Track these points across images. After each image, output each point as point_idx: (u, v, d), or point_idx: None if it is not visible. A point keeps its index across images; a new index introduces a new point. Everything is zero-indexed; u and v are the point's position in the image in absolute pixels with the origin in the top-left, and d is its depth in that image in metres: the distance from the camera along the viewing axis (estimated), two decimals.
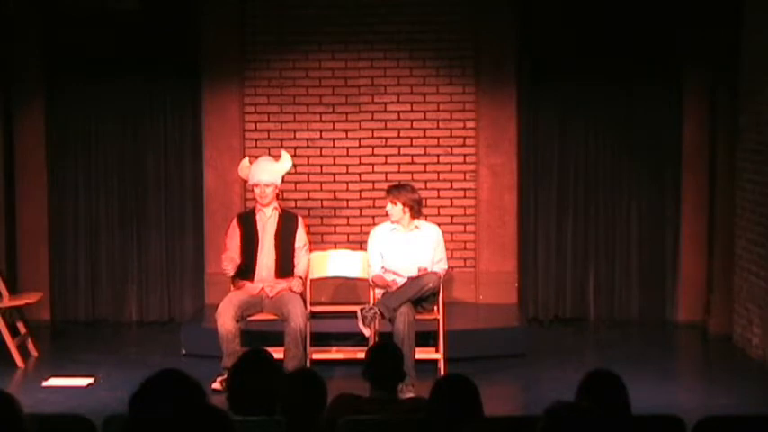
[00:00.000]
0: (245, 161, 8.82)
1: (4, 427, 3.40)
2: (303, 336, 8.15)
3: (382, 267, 8.47)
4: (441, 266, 8.51)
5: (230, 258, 8.34)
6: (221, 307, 8.18)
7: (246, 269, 8.41)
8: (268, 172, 8.54)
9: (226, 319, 8.07)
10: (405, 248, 8.46)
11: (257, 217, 8.52)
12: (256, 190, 8.54)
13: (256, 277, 8.42)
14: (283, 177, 8.71)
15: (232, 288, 8.49)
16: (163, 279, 10.48)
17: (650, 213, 10.35)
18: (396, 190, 8.53)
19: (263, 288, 8.38)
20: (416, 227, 8.53)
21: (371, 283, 8.55)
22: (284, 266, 8.46)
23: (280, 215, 8.53)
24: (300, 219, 8.69)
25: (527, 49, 10.18)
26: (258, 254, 8.43)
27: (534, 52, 10.20)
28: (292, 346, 8.06)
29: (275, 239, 8.46)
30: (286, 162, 8.70)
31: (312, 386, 4.62)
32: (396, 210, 8.45)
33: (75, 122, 10.36)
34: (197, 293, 10.38)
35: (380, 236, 8.56)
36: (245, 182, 9.16)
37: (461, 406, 4.51)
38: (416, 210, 8.48)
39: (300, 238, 8.55)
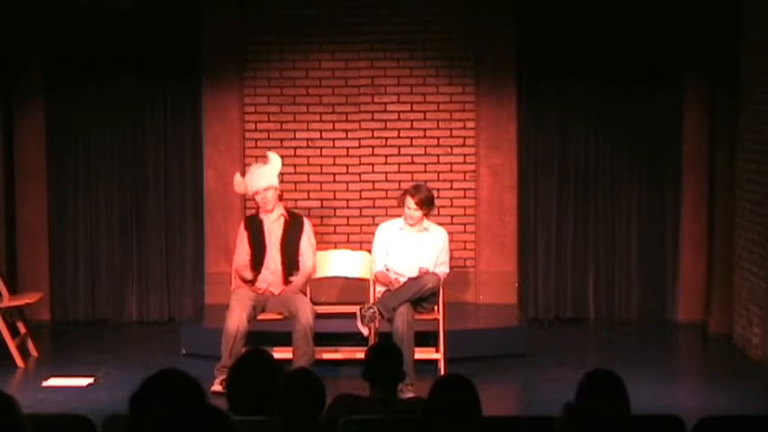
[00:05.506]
0: (238, 176, 8.73)
1: (3, 427, 3.39)
2: (312, 332, 8.13)
3: (385, 266, 8.45)
4: (442, 269, 8.46)
5: (243, 266, 8.42)
6: (234, 304, 8.13)
7: (254, 270, 8.43)
8: (262, 177, 8.48)
9: (240, 317, 8.03)
10: (410, 249, 8.42)
11: (264, 222, 8.49)
12: (258, 198, 8.48)
13: (260, 278, 8.41)
14: (281, 177, 8.69)
15: (233, 286, 8.49)
16: (163, 279, 10.47)
17: (650, 214, 10.35)
18: (417, 192, 8.36)
19: (267, 287, 8.37)
20: (425, 228, 8.48)
21: (374, 279, 8.53)
22: (290, 271, 8.45)
23: (286, 219, 8.49)
24: (307, 221, 8.65)
25: (527, 50, 10.18)
26: (266, 257, 8.42)
27: (534, 52, 10.20)
28: (302, 343, 8.04)
29: (281, 245, 8.43)
30: (275, 161, 8.59)
31: (312, 386, 4.61)
32: (418, 214, 8.37)
33: (75, 122, 10.35)
34: (197, 293, 10.37)
35: (388, 233, 8.52)
36: (245, 195, 9.18)
37: (461, 406, 4.51)
38: (429, 209, 8.44)
39: (305, 240, 8.51)
